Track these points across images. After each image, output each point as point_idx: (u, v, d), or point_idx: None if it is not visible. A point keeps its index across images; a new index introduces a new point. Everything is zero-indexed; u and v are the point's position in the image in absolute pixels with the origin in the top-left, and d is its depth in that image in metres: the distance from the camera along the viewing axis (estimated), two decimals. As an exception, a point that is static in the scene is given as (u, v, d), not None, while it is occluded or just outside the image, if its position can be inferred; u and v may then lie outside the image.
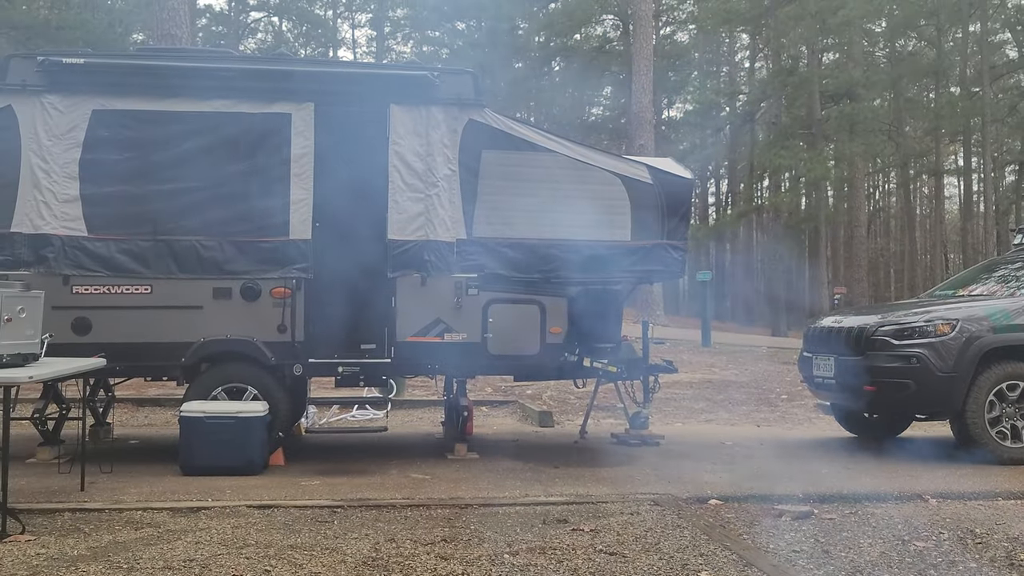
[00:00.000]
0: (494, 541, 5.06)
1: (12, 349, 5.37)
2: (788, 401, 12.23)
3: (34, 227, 7.14)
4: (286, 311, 7.45)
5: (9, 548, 4.75)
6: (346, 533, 5.20)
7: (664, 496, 6.31)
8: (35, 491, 6.17)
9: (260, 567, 4.47)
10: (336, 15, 50.62)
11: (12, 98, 7.22)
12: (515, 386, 11.99)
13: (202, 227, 7.33)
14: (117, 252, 7.23)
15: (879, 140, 38.72)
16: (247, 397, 7.36)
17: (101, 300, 7.25)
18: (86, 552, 4.71)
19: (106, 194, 7.25)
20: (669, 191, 8.01)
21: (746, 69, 49.38)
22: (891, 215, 58.20)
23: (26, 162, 7.17)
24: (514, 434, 9.70)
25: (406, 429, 9.98)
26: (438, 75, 7.77)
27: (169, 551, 4.74)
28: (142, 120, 7.37)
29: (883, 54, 43.70)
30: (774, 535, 5.35)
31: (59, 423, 7.70)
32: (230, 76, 7.55)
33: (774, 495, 6.37)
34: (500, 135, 7.78)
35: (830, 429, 10.06)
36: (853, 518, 5.82)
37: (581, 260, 7.73)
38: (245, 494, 6.17)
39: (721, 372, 15.10)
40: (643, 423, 8.72)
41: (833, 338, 8.77)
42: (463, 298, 7.68)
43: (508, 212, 7.74)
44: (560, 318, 7.91)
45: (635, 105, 24.89)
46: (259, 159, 7.45)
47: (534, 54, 43.36)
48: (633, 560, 4.70)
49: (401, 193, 7.59)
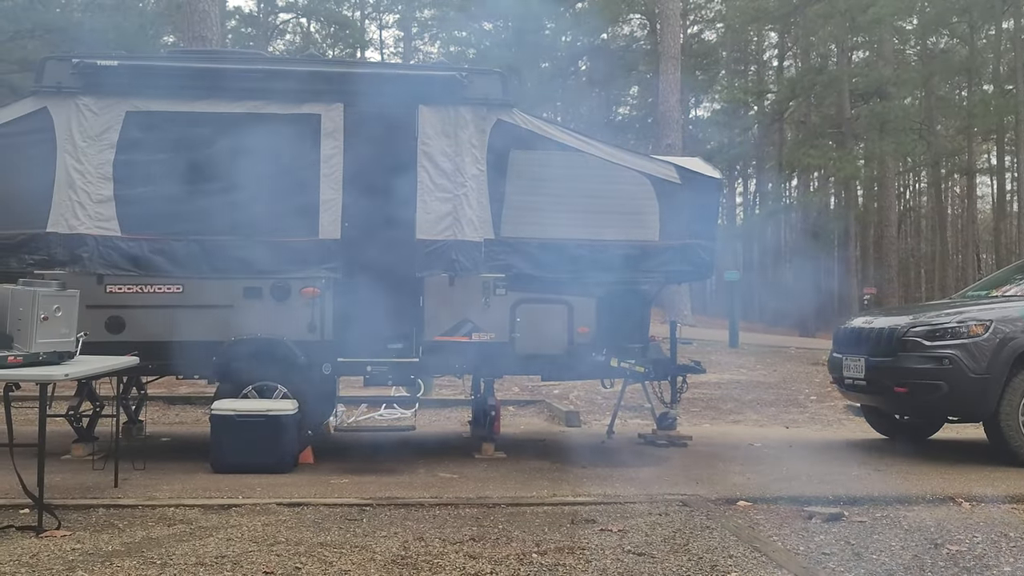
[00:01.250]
0: (522, 540, 5.07)
1: (49, 347, 5.46)
2: (817, 402, 12.13)
3: (69, 227, 7.25)
4: (315, 310, 7.51)
5: (46, 543, 4.83)
6: (375, 531, 5.23)
7: (693, 497, 6.28)
8: (70, 487, 6.26)
9: (291, 564, 4.51)
10: (364, 16, 50.88)
11: (48, 100, 7.34)
12: (542, 386, 11.99)
13: (233, 227, 7.40)
14: (150, 252, 7.32)
15: (910, 139, 38.25)
16: (277, 395, 7.42)
17: (134, 299, 7.35)
18: (120, 548, 4.77)
19: (139, 195, 7.34)
20: (697, 191, 7.99)
21: (774, 68, 48.98)
22: (922, 215, 57.48)
23: (61, 163, 7.28)
24: (541, 434, 9.70)
25: (434, 428, 10.02)
26: (466, 75, 7.79)
27: (201, 547, 4.79)
28: (174, 121, 7.45)
29: (914, 52, 43.22)
30: (804, 537, 5.32)
31: (93, 420, 7.82)
32: (260, 78, 7.62)
33: (804, 497, 6.33)
34: (528, 135, 7.79)
35: (860, 431, 9.97)
36: (884, 521, 5.77)
37: (609, 260, 7.73)
38: (275, 492, 6.22)
39: (749, 373, 15.01)
40: (671, 424, 8.69)
41: (863, 339, 8.69)
42: (491, 298, 7.70)
43: (536, 212, 7.75)
44: (588, 318, 7.91)
45: (662, 104, 24.78)
46: (289, 160, 7.52)
47: (561, 54, 43.25)
48: (662, 561, 4.69)
49: (429, 193, 7.62)
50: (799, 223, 44.55)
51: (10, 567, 4.36)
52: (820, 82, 36.81)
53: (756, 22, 40.27)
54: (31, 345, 5.33)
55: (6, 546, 4.76)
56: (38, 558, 4.53)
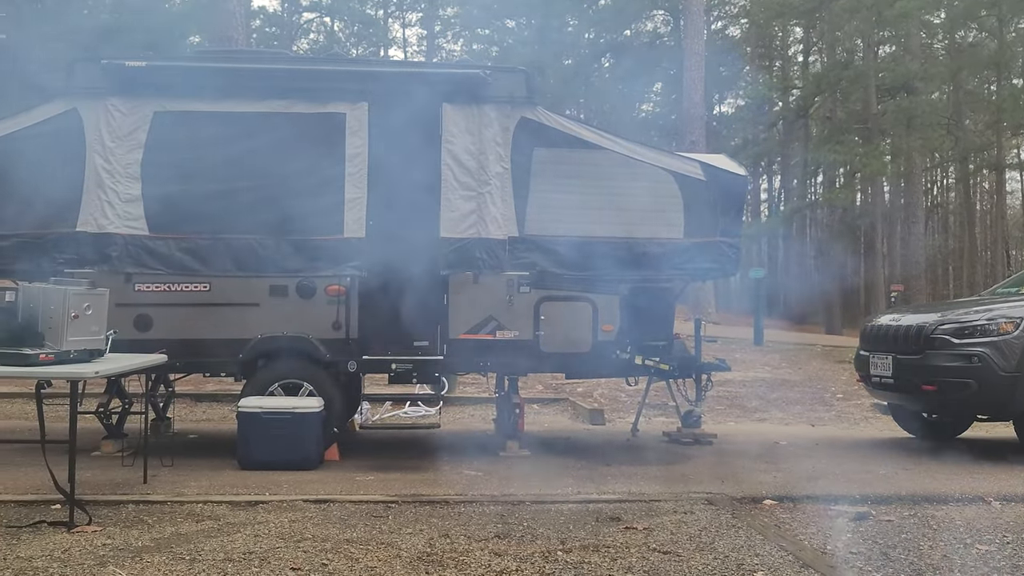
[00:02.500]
0: (547, 538, 5.07)
1: (79, 345, 5.54)
2: (844, 400, 12.04)
3: (98, 226, 7.34)
4: (340, 308, 7.55)
5: (77, 538, 4.89)
6: (401, 528, 5.25)
7: (718, 495, 6.26)
8: (100, 483, 6.35)
9: (317, 560, 4.54)
10: (387, 14, 50.98)
11: (77, 101, 7.43)
12: (566, 384, 11.99)
13: (259, 226, 7.46)
14: (177, 251, 7.40)
15: (938, 134, 37.80)
16: (303, 393, 7.47)
17: (162, 298, 7.43)
18: (150, 543, 4.83)
19: (166, 194, 7.41)
20: (722, 188, 7.95)
21: (799, 63, 48.58)
22: (950, 211, 56.80)
23: (91, 163, 7.37)
24: (565, 432, 9.70)
25: (458, 426, 10.05)
26: (490, 74, 7.80)
27: (229, 543, 4.84)
28: (201, 121, 7.51)
29: (942, 46, 42.67)
30: (831, 536, 5.28)
31: (122, 417, 7.92)
32: (286, 77, 7.68)
33: (830, 495, 6.29)
34: (552, 133, 7.78)
35: (887, 429, 9.89)
36: (912, 520, 5.72)
37: (633, 258, 7.72)
38: (302, 488, 6.27)
39: (775, 370, 14.91)
40: (695, 422, 8.66)
41: (891, 336, 8.61)
42: (515, 295, 7.70)
43: (560, 209, 7.74)
44: (612, 316, 7.89)
45: (686, 101, 24.67)
46: (314, 158, 7.56)
47: (584, 51, 43.14)
48: (687, 559, 4.68)
49: (453, 191, 7.63)
50: (825, 220, 44.19)
51: (42, 562, 4.42)
52: (846, 77, 36.42)
53: (781, 17, 39.91)
54: (62, 343, 5.41)
55: (38, 541, 4.83)
56: (69, 553, 4.60)
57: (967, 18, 38.62)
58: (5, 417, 9.84)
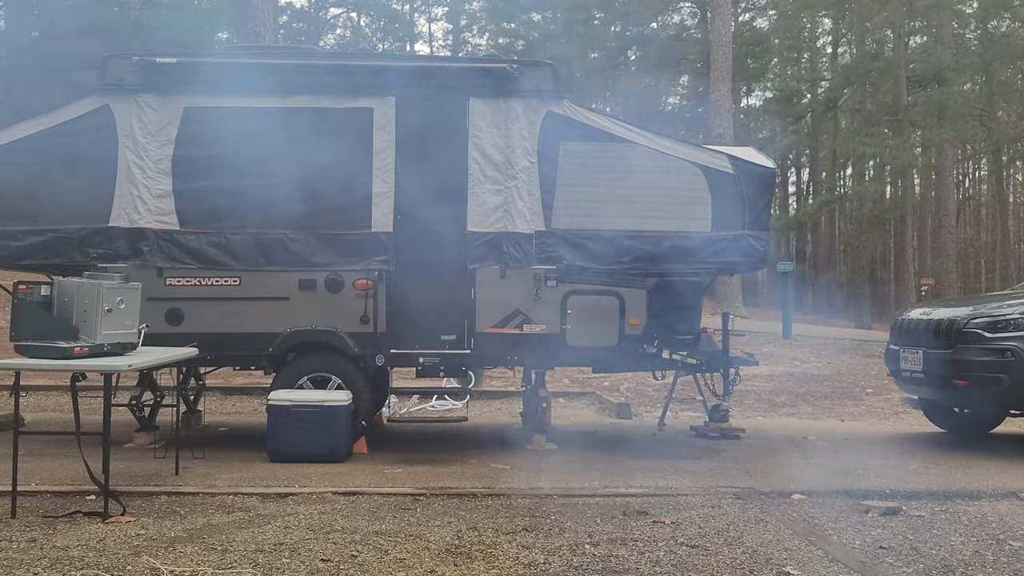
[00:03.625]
0: (575, 531, 5.09)
1: (112, 339, 5.62)
2: (874, 395, 11.93)
3: (130, 221, 7.44)
4: (368, 302, 7.60)
5: (112, 529, 4.97)
6: (429, 520, 5.29)
7: (746, 490, 6.24)
8: (133, 474, 6.44)
9: (347, 552, 4.58)
10: (413, 9, 51.10)
11: (110, 97, 7.53)
12: (592, 377, 11.98)
13: (288, 220, 7.53)
14: (207, 245, 7.49)
15: (970, 126, 37.28)
16: (331, 386, 7.53)
17: (193, 292, 7.51)
18: (182, 534, 4.90)
19: (197, 189, 7.51)
20: (751, 181, 7.91)
21: (828, 55, 48.08)
22: (982, 203, 56.03)
23: (123, 159, 7.47)
24: (592, 425, 9.70)
25: (485, 420, 10.08)
26: (517, 67, 7.80)
27: (260, 535, 4.89)
28: (230, 117, 7.57)
29: (974, 36, 42.03)
30: (860, 531, 5.25)
31: (154, 410, 8.02)
32: (314, 72, 7.73)
33: (860, 490, 6.25)
34: (579, 126, 7.78)
35: (918, 424, 9.79)
36: (944, 515, 5.66)
37: (660, 251, 7.70)
38: (331, 481, 6.33)
39: (803, 365, 14.82)
40: (723, 416, 8.62)
41: (922, 331, 8.53)
42: (542, 290, 7.71)
43: (587, 203, 7.75)
44: (639, 310, 7.88)
45: (713, 93, 24.52)
46: (342, 153, 7.61)
47: (610, 44, 42.96)
48: (716, 553, 4.67)
49: (480, 185, 7.66)
50: (854, 213, 43.74)
51: (79, 551, 4.50)
52: (876, 69, 35.99)
53: (809, 8, 39.53)
54: (96, 336, 5.49)
55: (74, 531, 4.91)
56: (105, 543, 4.67)
57: (1000, 7, 37.98)
58: (40, 409, 10.01)
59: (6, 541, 4.68)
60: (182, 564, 4.31)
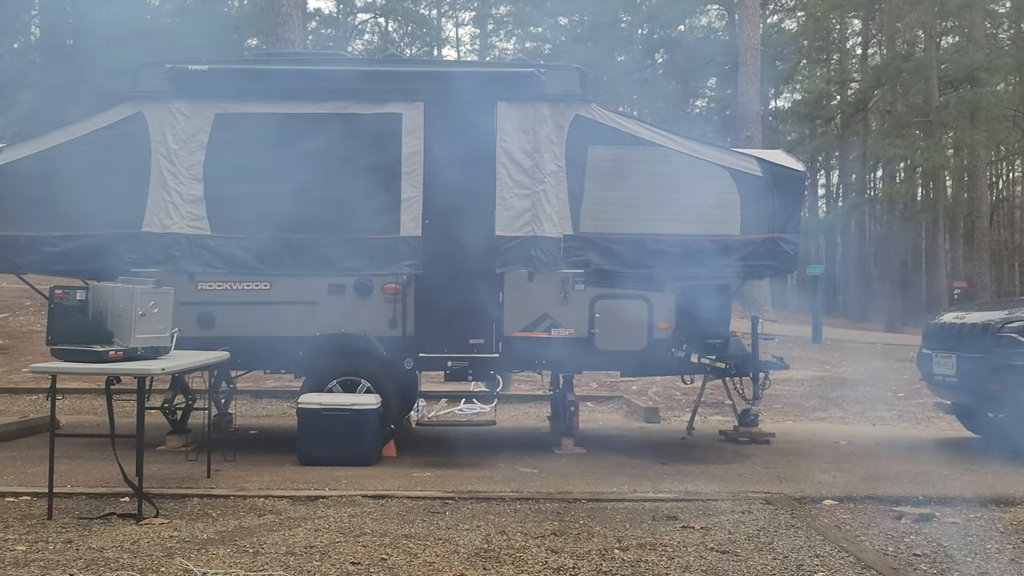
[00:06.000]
0: (604, 536, 5.08)
1: (146, 343, 5.69)
2: (906, 400, 11.79)
3: (163, 227, 7.53)
4: (397, 306, 7.63)
5: (145, 530, 5.04)
6: (458, 524, 5.30)
7: (776, 495, 6.19)
8: (166, 477, 6.52)
9: (376, 555, 4.61)
10: (440, 14, 51.27)
11: (143, 105, 7.64)
12: (620, 381, 11.95)
13: (317, 225, 7.59)
14: (238, 250, 7.56)
15: (1003, 126, 36.76)
16: (360, 390, 7.56)
17: (224, 296, 7.58)
18: (214, 536, 4.95)
19: (228, 194, 7.58)
20: (780, 184, 7.86)
21: (858, 56, 47.62)
22: (1015, 205, 55.18)
23: (156, 165, 7.57)
24: (620, 430, 9.67)
25: (513, 423, 10.08)
26: (545, 72, 7.81)
27: (290, 537, 4.93)
28: (260, 123, 7.65)
29: (1008, 36, 41.42)
30: (893, 538, 5.19)
31: (186, 413, 8.10)
32: (343, 78, 7.79)
33: (892, 496, 6.19)
34: (607, 130, 7.77)
35: (951, 429, 9.67)
36: (979, 522, 5.59)
37: (689, 255, 7.66)
38: (360, 484, 6.36)
39: (833, 369, 14.67)
40: (752, 420, 8.57)
41: (955, 334, 8.42)
42: (570, 293, 7.71)
43: (615, 207, 7.73)
44: (668, 313, 7.85)
45: (741, 96, 24.35)
46: (371, 158, 7.66)
47: (637, 47, 42.87)
48: (746, 559, 4.64)
49: (508, 189, 7.67)
50: (884, 215, 43.28)
51: (113, 552, 4.56)
52: (907, 69, 35.57)
53: (839, 9, 39.17)
54: (130, 340, 5.57)
55: (109, 532, 4.98)
56: (138, 544, 4.73)
57: (1034, 6, 37.44)
58: (75, 412, 10.15)
59: (43, 542, 4.76)
60: (214, 566, 4.35)
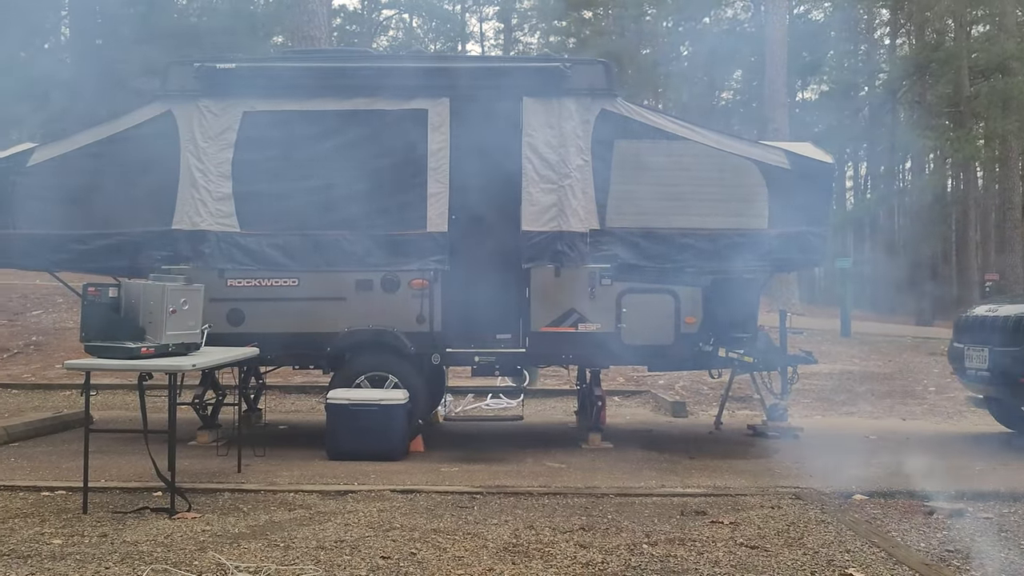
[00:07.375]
0: (632, 531, 5.07)
1: (177, 339, 5.76)
2: (936, 394, 11.67)
3: (192, 224, 7.60)
4: (424, 302, 7.66)
5: (178, 524, 5.10)
6: (486, 519, 5.32)
7: (806, 490, 6.16)
8: (197, 472, 6.59)
9: (406, 550, 4.63)
10: (464, 9, 51.31)
11: (172, 103, 7.71)
12: (647, 376, 11.91)
13: (345, 221, 7.62)
14: (267, 247, 7.62)
15: (1036, 116, 36.14)
16: (388, 385, 7.61)
17: (253, 292, 7.65)
18: (246, 530, 5.00)
19: (256, 192, 7.64)
20: (808, 176, 7.80)
21: (886, 46, 47.07)
22: (1049, 195, 54.30)
23: (185, 163, 7.64)
24: (647, 424, 9.65)
25: (540, 418, 10.09)
26: (570, 66, 7.80)
27: (321, 532, 4.98)
28: (288, 120, 7.70)
29: (1040, 24, 40.76)
30: (925, 533, 5.15)
31: (216, 408, 8.19)
32: (370, 75, 7.81)
33: (923, 491, 6.12)
34: (633, 124, 7.74)
35: (983, 424, 9.55)
36: (1013, 517, 5.53)
37: (716, 249, 7.63)
38: (389, 479, 6.40)
39: (862, 363, 14.53)
40: (781, 415, 8.52)
41: (987, 327, 8.32)
42: (597, 288, 7.70)
43: (641, 201, 7.71)
44: (695, 308, 7.82)
45: (768, 87, 24.13)
46: (397, 154, 7.69)
47: (663, 40, 42.65)
48: (776, 554, 4.62)
49: (534, 184, 7.66)
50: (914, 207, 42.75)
51: (147, 546, 4.63)
52: (936, 60, 35.08)
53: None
54: (161, 337, 5.64)
55: (143, 526, 5.05)
56: (172, 538, 4.80)
57: (1068, -7, 36.79)
58: (107, 408, 10.28)
59: (79, 535, 4.84)
60: (246, 560, 4.40)
